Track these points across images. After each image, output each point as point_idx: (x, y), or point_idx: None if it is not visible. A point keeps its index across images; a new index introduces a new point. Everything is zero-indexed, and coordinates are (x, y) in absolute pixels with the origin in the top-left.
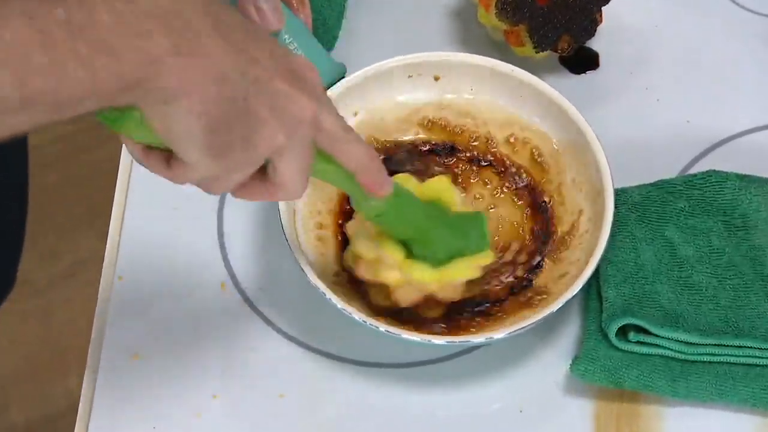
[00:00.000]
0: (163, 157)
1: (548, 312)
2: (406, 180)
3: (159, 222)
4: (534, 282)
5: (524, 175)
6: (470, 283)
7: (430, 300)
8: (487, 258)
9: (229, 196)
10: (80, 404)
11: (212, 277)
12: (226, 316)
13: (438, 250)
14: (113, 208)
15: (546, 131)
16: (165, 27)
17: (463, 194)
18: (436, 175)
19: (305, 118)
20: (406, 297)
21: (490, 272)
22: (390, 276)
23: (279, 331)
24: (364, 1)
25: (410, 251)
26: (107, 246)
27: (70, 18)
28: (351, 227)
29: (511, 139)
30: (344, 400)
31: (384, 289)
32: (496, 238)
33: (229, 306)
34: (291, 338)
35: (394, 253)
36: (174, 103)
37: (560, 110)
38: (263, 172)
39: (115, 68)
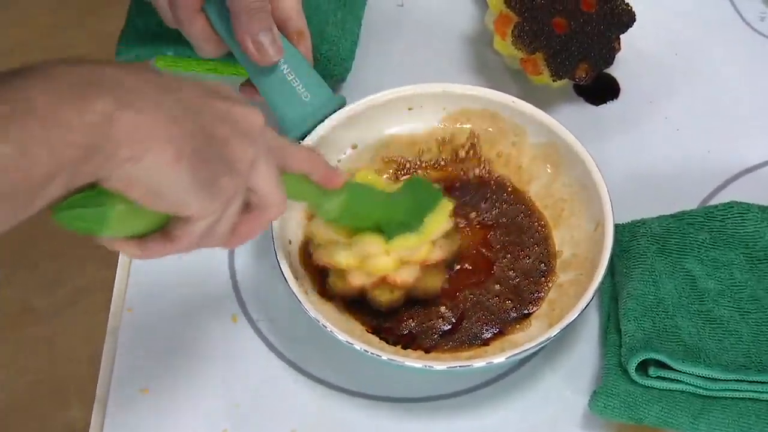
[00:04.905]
0: (159, 236)
1: (546, 337)
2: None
3: None
4: (534, 309)
5: (523, 205)
6: (428, 274)
7: (383, 282)
8: (448, 204)
9: None
10: None
11: (223, 310)
12: (238, 349)
13: (405, 217)
14: None
15: (548, 162)
16: (102, 89)
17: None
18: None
19: (258, 124)
20: (358, 280)
21: (493, 295)
22: (383, 262)
23: (291, 364)
24: (379, 31)
25: (384, 235)
26: (116, 276)
27: (14, 109)
28: (322, 256)
29: (513, 168)
30: None
31: (341, 273)
32: (507, 256)
33: (240, 339)
34: (303, 372)
35: (375, 241)
36: (146, 161)
37: (563, 141)
38: (246, 209)
39: (70, 137)
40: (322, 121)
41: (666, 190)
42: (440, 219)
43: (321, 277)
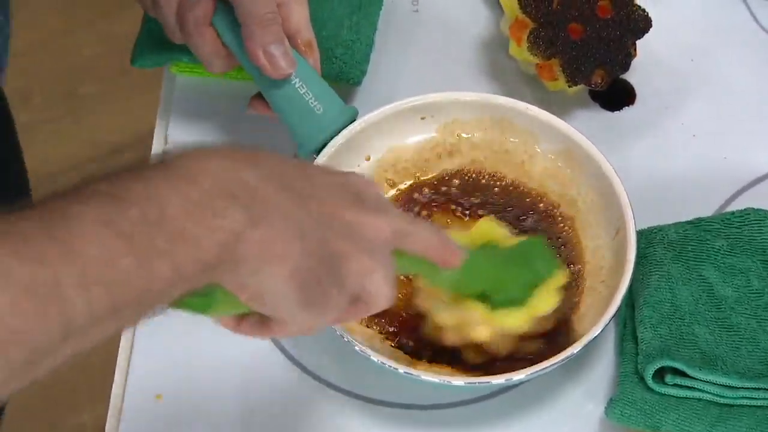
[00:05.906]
0: (257, 321)
1: (570, 353)
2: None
3: None
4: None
5: (542, 214)
6: (523, 342)
7: (477, 346)
8: (561, 278)
9: None
10: None
11: None
12: (253, 356)
13: (514, 291)
14: None
15: (563, 169)
16: (235, 202)
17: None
18: (458, 216)
19: (383, 237)
20: (451, 339)
21: None
22: (480, 333)
23: (305, 370)
24: (393, 35)
25: (489, 303)
26: None
27: (144, 216)
28: (424, 302)
29: (527, 178)
30: None
31: (437, 325)
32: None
33: (255, 346)
34: (319, 379)
35: (478, 310)
36: (262, 273)
37: (578, 147)
38: (351, 301)
39: (196, 254)
40: (337, 134)
41: (682, 197)
42: (550, 298)
43: None
